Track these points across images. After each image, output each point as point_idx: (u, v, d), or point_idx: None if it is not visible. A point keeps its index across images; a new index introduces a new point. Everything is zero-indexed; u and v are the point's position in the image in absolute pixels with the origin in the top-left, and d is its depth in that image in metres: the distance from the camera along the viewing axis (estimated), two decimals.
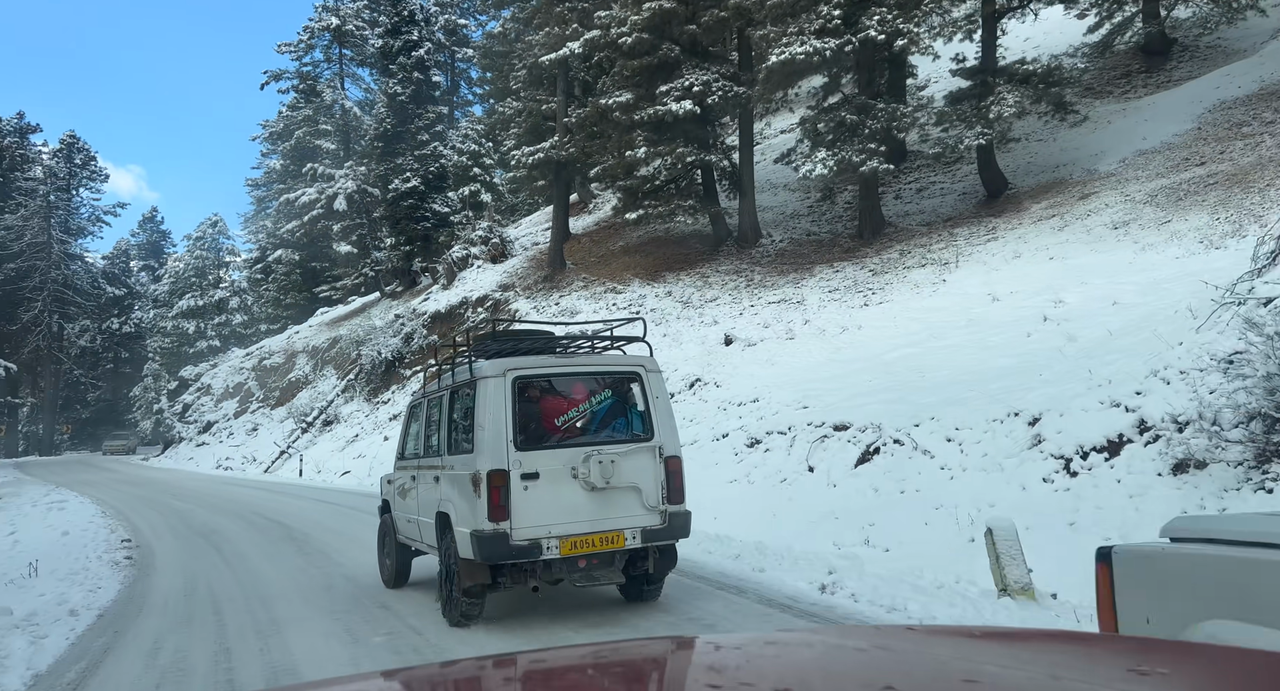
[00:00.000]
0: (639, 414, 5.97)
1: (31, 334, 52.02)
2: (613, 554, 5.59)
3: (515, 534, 5.28)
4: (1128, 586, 2.35)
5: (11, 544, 11.91)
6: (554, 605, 6.27)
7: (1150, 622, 2.25)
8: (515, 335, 7.02)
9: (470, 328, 8.25)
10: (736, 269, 21.75)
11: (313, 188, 37.18)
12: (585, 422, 5.83)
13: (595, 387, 5.96)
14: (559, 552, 5.35)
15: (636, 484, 5.60)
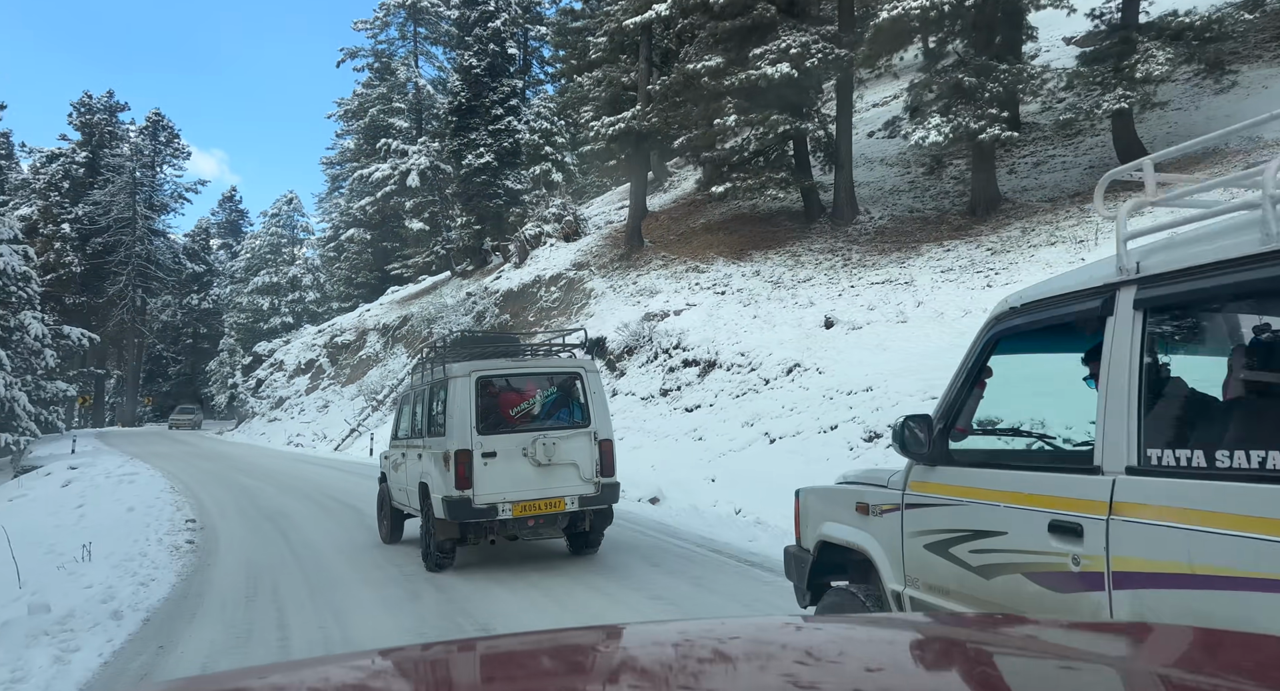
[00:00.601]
0: (579, 405, 7.40)
1: (116, 307, 53.48)
2: (555, 515, 7.06)
3: (477, 499, 6.75)
4: (803, 509, 3.82)
5: (77, 518, 11.33)
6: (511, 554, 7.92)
7: (806, 526, 3.75)
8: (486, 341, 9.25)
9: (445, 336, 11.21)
10: (831, 247, 20.15)
11: (386, 163, 36.76)
12: (534, 412, 7.32)
13: (543, 384, 7.43)
14: (512, 514, 6.83)
15: (575, 461, 7.10)
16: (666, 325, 18.88)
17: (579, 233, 30.29)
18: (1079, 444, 3.07)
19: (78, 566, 7.16)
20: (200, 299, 60.45)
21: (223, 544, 8.58)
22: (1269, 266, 1.74)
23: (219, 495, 13.68)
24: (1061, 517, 2.25)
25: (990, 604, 2.55)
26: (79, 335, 34.71)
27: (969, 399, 2.97)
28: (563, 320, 23.65)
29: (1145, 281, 2.11)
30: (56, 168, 53.61)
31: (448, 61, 52.81)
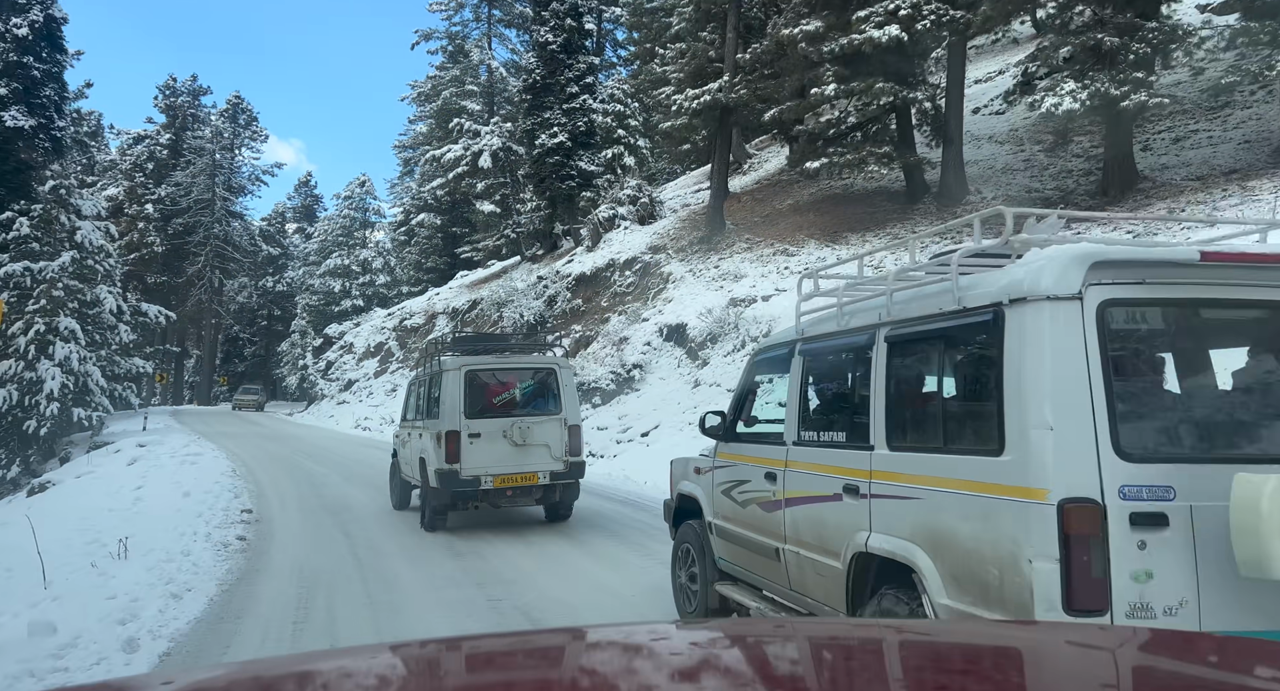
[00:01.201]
0: (553, 396, 8.70)
1: (195, 287, 54.54)
2: (530, 487, 8.43)
3: (463, 471, 8.12)
4: (672, 474, 5.65)
5: (132, 502, 10.56)
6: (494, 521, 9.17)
7: (672, 484, 5.48)
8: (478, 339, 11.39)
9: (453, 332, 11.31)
10: (939, 230, 18.31)
11: (458, 144, 36.05)
12: (514, 401, 8.61)
13: (523, 378, 8.76)
14: (493, 485, 8.20)
15: (547, 442, 8.43)
16: (755, 311, 17.40)
17: (654, 215, 28.96)
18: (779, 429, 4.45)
19: (111, 565, 6.18)
20: (275, 281, 61.38)
21: (277, 542, 7.56)
22: (872, 332, 3.52)
23: (280, 482, 12.84)
24: (770, 470, 4.20)
25: (741, 522, 4.49)
26: (156, 312, 35.08)
27: (744, 402, 4.91)
28: (638, 306, 22.39)
29: (805, 340, 4.20)
30: (142, 149, 54.88)
31: (521, 44, 52.14)
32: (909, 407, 3.38)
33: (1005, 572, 2.63)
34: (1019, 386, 2.66)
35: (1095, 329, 2.60)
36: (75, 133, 36.49)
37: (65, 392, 20.01)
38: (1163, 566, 2.50)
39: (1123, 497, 2.51)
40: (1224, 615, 2.49)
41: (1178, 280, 2.70)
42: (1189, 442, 2.75)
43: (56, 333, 20.57)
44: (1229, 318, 3.04)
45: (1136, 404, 2.75)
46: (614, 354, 20.40)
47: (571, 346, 24.26)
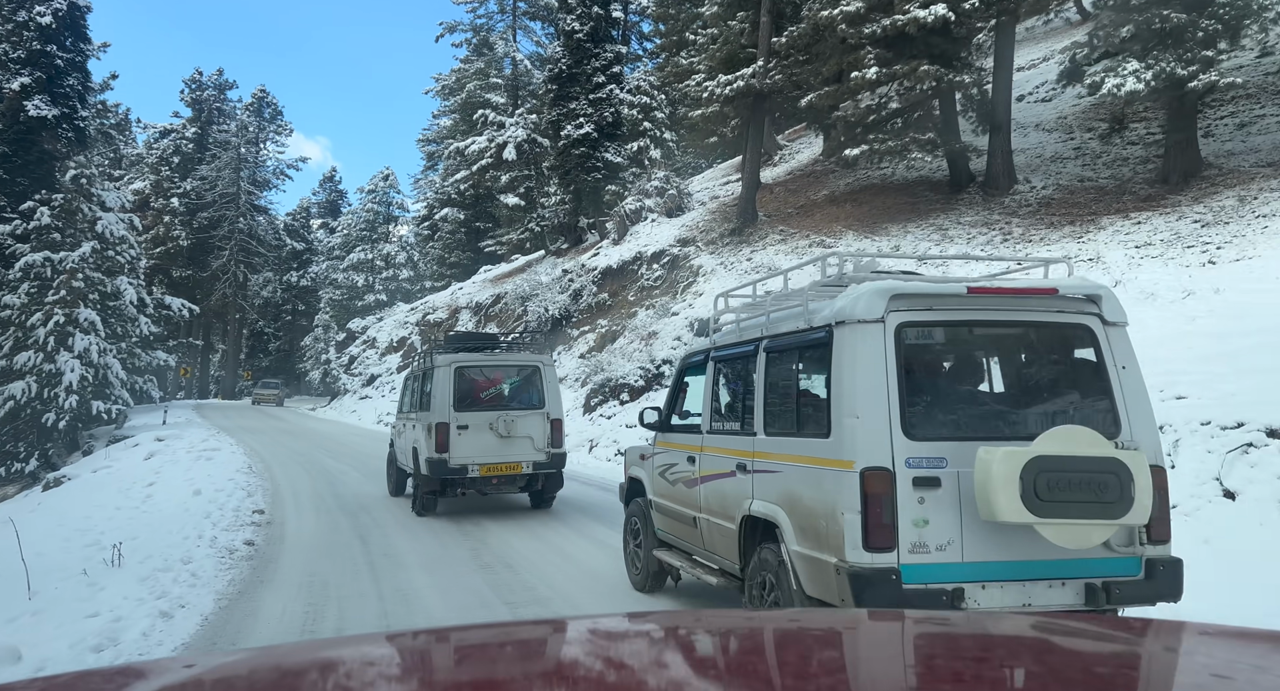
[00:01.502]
0: (537, 391, 9.37)
1: (219, 281, 54.58)
2: (514, 476, 9.18)
3: (451, 460, 8.82)
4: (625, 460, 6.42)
5: (142, 499, 10.04)
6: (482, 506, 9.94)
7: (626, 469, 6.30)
8: (469, 337, 11.30)
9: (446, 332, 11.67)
10: (986, 220, 17.43)
11: (483, 136, 35.51)
12: (501, 395, 9.35)
13: (508, 374, 9.47)
14: (479, 473, 8.95)
15: (530, 434, 9.14)
16: None
17: (682, 208, 28.20)
18: None
19: (103, 573, 5.59)
20: (300, 276, 61.35)
21: (287, 548, 6.94)
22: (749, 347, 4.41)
23: (297, 479, 12.29)
24: (691, 454, 5.08)
25: (672, 497, 5.40)
26: (179, 305, 34.93)
27: (676, 399, 5.88)
28: (666, 299, 21.67)
29: (715, 349, 5.10)
30: (167, 143, 54.99)
31: (545, 36, 51.54)
32: (778, 402, 4.26)
33: (829, 523, 3.53)
34: (839, 386, 3.55)
35: (893, 344, 3.49)
36: (100, 125, 36.44)
37: (84, 385, 19.67)
38: (936, 515, 3.41)
39: (908, 466, 3.41)
40: (977, 549, 3.44)
41: (953, 307, 3.63)
42: (957, 426, 3.62)
43: (76, 324, 20.24)
44: (991, 333, 4.02)
45: (920, 398, 3.64)
46: (643, 349, 19.71)
47: (597, 341, 23.62)
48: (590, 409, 18.93)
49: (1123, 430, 3.66)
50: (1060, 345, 3.99)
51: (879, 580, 3.36)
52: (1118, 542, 3.60)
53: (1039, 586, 3.54)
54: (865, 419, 3.45)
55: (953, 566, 3.44)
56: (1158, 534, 3.63)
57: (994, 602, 3.48)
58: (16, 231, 21.81)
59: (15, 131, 25.42)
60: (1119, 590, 3.56)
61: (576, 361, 23.84)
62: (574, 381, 22.61)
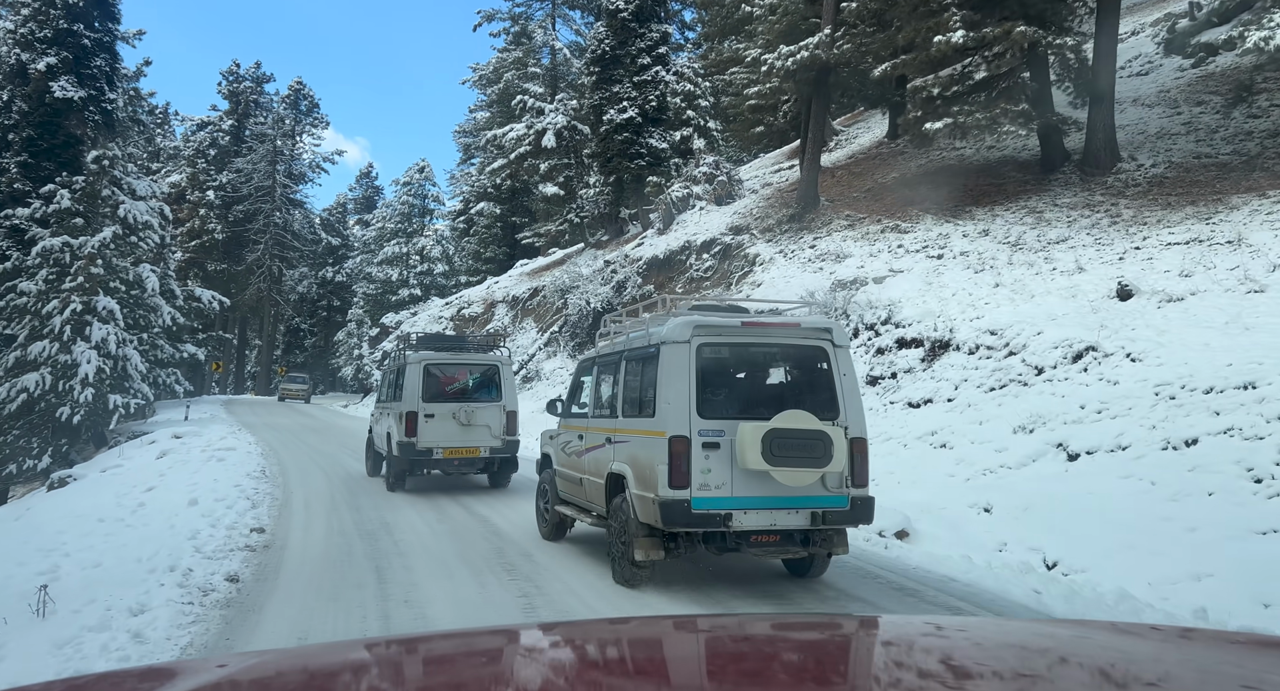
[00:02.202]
0: (496, 387, 10.89)
1: (254, 275, 53.99)
2: (473, 459, 10.62)
3: (419, 444, 10.22)
4: (540, 441, 8.37)
5: (132, 510, 8.62)
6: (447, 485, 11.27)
7: (540, 448, 8.29)
8: (438, 338, 12.61)
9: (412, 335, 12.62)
10: (1087, 201, 15.43)
11: (521, 123, 34.08)
12: (464, 389, 10.82)
13: (471, 371, 10.96)
14: (443, 455, 10.38)
15: (488, 423, 10.57)
16: (868, 295, 14.81)
17: (732, 195, 26.45)
18: None
19: (22, 626, 4.05)
20: (335, 272, 60.65)
21: (280, 588, 5.30)
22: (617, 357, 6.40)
23: (314, 486, 10.81)
24: (580, 433, 6.87)
25: (568, 465, 7.14)
26: (209, 297, 33.99)
27: (574, 393, 7.49)
28: (719, 290, 19.94)
29: (598, 357, 7.02)
30: (204, 135, 54.56)
31: (585, 25, 50.07)
32: (630, 394, 6.13)
33: (651, 472, 5.39)
34: (660, 383, 5.45)
35: (694, 357, 5.44)
36: (132, 112, 35.65)
37: (101, 377, 18.50)
38: (716, 466, 5.30)
39: (699, 435, 5.30)
40: (741, 488, 5.32)
41: (733, 334, 5.68)
42: (730, 410, 5.53)
43: (94, 313, 19.10)
44: (761, 350, 5.95)
45: (709, 391, 5.53)
46: None
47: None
48: None
49: (840, 415, 5.60)
50: (804, 359, 5.82)
51: (678, 507, 5.18)
52: (832, 485, 5.49)
53: (780, 512, 5.39)
54: (674, 404, 5.31)
55: (725, 499, 5.30)
56: (858, 480, 5.62)
57: (750, 522, 5.32)
58: (36, 215, 20.78)
59: (41, 114, 24.50)
60: (832, 516, 5.49)
61: None
62: None
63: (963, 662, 1.21)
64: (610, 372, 6.60)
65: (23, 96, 24.97)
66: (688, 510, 5.17)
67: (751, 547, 5.48)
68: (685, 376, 5.36)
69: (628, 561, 5.57)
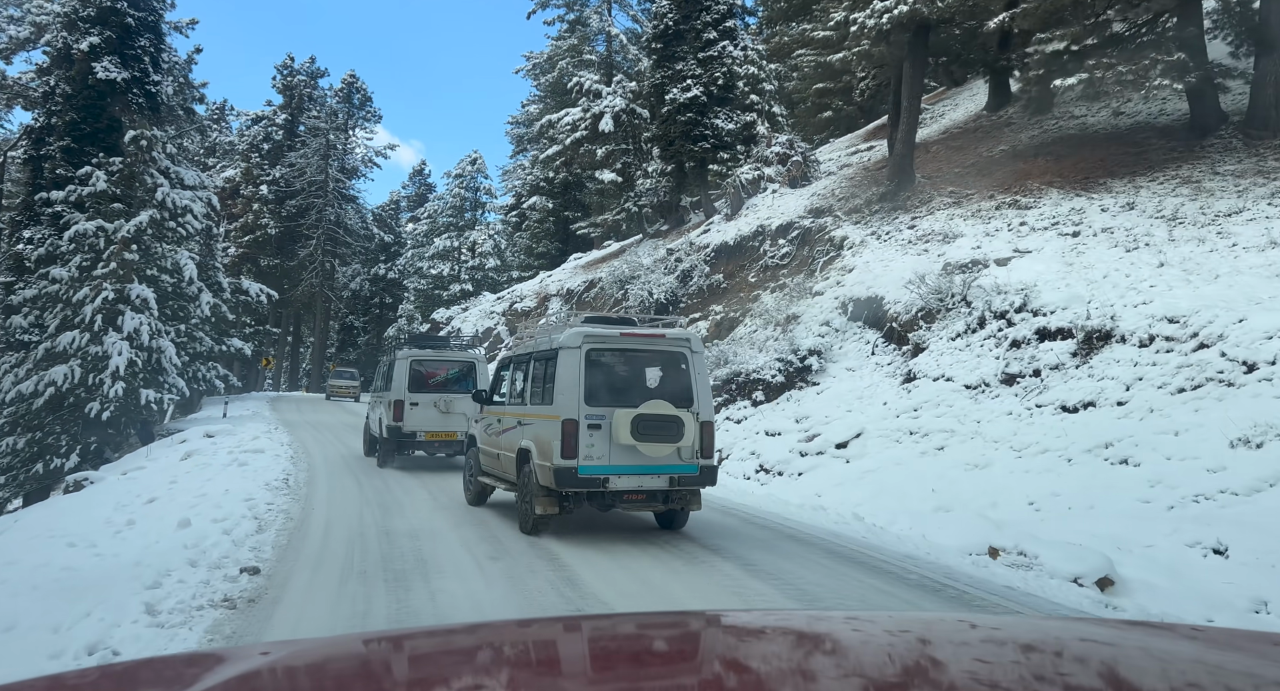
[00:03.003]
0: (473, 380, 12.52)
1: (306, 271, 53.44)
2: (451, 441, 12.17)
3: (405, 427, 12.04)
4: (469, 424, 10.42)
5: (117, 530, 7.03)
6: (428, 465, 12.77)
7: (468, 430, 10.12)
8: (426, 337, 14.76)
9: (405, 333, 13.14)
10: (1259, 168, 12.89)
11: (576, 108, 32.32)
12: (445, 382, 12.52)
13: (452, 366, 12.71)
14: (426, 438, 12.18)
15: (465, 412, 11.74)
16: (993, 278, 12.52)
17: (808, 177, 24.22)
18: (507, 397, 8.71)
19: None
20: (388, 268, 59.92)
21: None
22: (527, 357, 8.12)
23: (341, 500, 9.05)
24: (499, 417, 8.58)
25: (489, 444, 8.72)
26: (257, 290, 33.00)
27: (496, 385, 9.07)
28: (801, 278, 17.78)
29: (514, 357, 8.81)
30: (258, 130, 54.23)
31: (642, 12, 48.17)
32: (536, 386, 7.67)
33: (549, 447, 6.87)
34: (557, 378, 6.94)
35: (584, 359, 6.90)
36: (183, 100, 34.93)
37: (133, 370, 17.20)
38: (598, 442, 6.83)
39: (585, 419, 6.78)
40: (616, 458, 6.85)
41: (614, 342, 7.16)
42: (610, 400, 6.95)
43: (127, 301, 17.83)
44: (635, 354, 7.35)
45: (594, 385, 6.94)
46: (778, 337, 15.90)
47: (711, 330, 19.94)
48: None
49: (694, 403, 7.27)
50: (667, 362, 7.48)
51: (568, 473, 6.81)
52: (685, 456, 7.14)
53: (646, 477, 7.03)
54: (567, 395, 6.93)
55: (604, 466, 6.91)
56: (705, 453, 7.28)
57: (623, 484, 6.98)
58: (70, 198, 19.67)
59: (85, 97, 23.53)
60: (685, 479, 7.15)
61: None
62: None
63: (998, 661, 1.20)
64: (522, 369, 8.28)
65: (66, 79, 24.06)
66: (575, 475, 6.81)
67: (624, 504, 7.25)
68: (576, 374, 6.96)
69: (532, 515, 7.15)
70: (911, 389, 11.90)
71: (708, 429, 7.27)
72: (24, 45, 32.25)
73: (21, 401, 16.97)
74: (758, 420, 13.85)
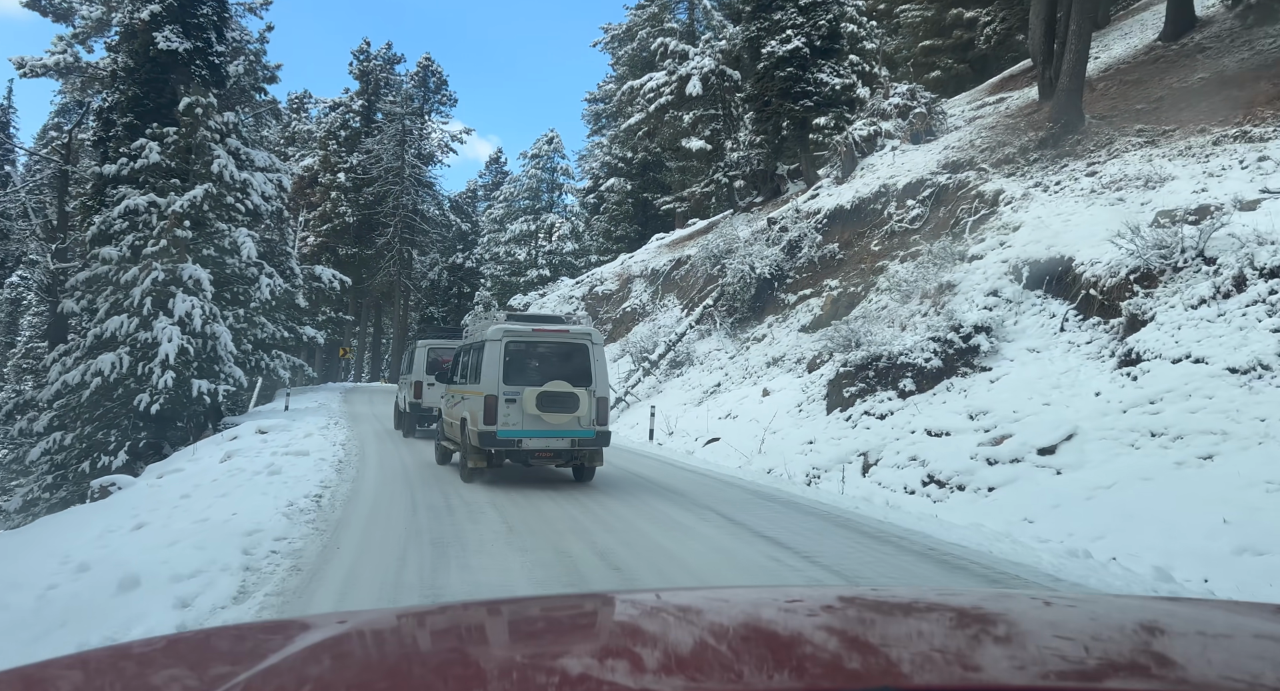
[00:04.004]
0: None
1: (384, 259, 52.58)
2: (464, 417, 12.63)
3: (422, 404, 14.50)
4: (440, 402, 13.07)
5: (37, 595, 4.72)
6: None
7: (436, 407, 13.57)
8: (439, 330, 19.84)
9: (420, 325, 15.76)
10: None
11: (661, 72, 29.65)
12: None
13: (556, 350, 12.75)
14: (439, 412, 12.18)
15: None
16: (1241, 226, 9.30)
17: (933, 131, 20.93)
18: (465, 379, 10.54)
19: None
20: (465, 257, 58.73)
21: None
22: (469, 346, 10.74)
23: (391, 518, 6.75)
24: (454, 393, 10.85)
25: (448, 414, 11.11)
26: (330, 276, 31.66)
27: (455, 366, 11.17)
28: (943, 242, 14.70)
29: (463, 347, 11.27)
30: (335, 116, 53.60)
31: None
32: (470, 370, 9.89)
33: (477, 415, 9.17)
34: (483, 364, 9.23)
35: (503, 350, 9.21)
36: (254, 80, 33.85)
37: (185, 358, 15.53)
38: (513, 412, 9.05)
39: (503, 394, 9.06)
40: (526, 424, 9.09)
41: (529, 336, 9.44)
42: (522, 380, 9.16)
43: (180, 283, 16.19)
44: (545, 345, 9.45)
45: (511, 369, 9.18)
46: (926, 312, 12.96)
47: (827, 307, 17.08)
48: (844, 404, 12.43)
49: (591, 383, 9.24)
50: (571, 351, 9.39)
51: (490, 436, 8.90)
52: (585, 423, 9.15)
53: (551, 439, 9.07)
54: (489, 376, 9.02)
55: (517, 431, 8.96)
56: (600, 421, 9.28)
57: (533, 445, 9.05)
58: (123, 173, 18.22)
59: (146, 71, 22.25)
60: (583, 441, 9.18)
61: (795, 337, 17.40)
62: (793, 363, 16.20)
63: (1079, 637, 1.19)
64: (467, 356, 10.54)
65: (129, 52, 22.83)
66: (495, 437, 9.02)
67: (535, 460, 9.58)
68: (497, 360, 9.17)
69: (466, 467, 9.65)
70: (1138, 375, 8.84)
71: (603, 403, 9.43)
72: (101, 29, 31.67)
73: (70, 392, 15.51)
74: (910, 415, 11.00)
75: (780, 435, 13.23)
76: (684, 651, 1.14)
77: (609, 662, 1.07)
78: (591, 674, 1.01)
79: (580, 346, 9.38)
